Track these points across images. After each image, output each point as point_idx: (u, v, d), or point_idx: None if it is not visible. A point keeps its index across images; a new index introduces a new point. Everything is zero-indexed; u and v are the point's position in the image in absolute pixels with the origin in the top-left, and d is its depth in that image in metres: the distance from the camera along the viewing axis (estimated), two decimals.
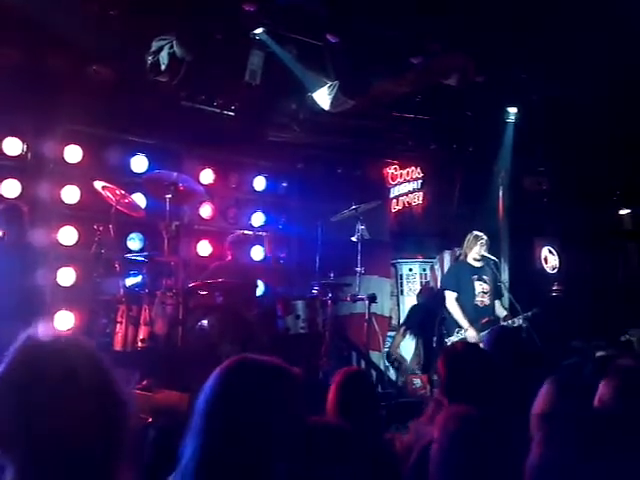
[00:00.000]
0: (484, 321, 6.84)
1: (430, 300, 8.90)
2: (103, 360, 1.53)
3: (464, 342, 6.01)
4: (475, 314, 6.91)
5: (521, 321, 6.72)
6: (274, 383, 1.78)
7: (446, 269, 8.89)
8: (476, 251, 7.08)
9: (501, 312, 7.16)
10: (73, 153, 7.20)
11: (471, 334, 6.71)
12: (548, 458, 1.14)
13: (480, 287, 7.03)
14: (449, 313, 7.03)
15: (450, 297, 7.03)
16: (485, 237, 7.16)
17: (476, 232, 7.20)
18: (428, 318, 8.40)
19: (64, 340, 1.51)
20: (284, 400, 1.76)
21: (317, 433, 2.61)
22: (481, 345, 4.57)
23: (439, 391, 3.50)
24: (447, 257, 9.30)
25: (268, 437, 1.70)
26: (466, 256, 7.20)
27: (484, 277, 7.07)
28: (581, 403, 2.57)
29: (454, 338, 6.81)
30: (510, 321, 6.80)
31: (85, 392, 1.43)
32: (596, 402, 2.61)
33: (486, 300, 7.03)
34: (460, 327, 6.85)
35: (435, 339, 7.65)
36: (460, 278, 7.10)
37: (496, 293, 7.19)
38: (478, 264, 7.11)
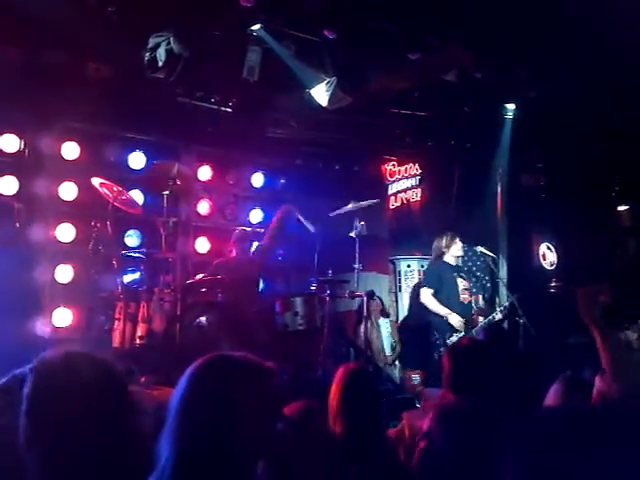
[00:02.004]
0: (474, 316, 6.98)
1: None
2: (117, 376, 1.60)
3: (469, 338, 6.06)
4: (462, 311, 7.04)
5: (500, 314, 6.85)
6: (245, 380, 1.77)
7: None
8: (457, 248, 7.24)
9: (482, 304, 7.35)
10: (70, 150, 7.19)
11: (455, 320, 6.83)
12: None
13: (462, 284, 7.17)
14: (426, 307, 7.11)
15: (426, 293, 7.17)
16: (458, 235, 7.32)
17: (451, 232, 7.33)
18: (424, 315, 8.41)
19: (76, 359, 1.58)
20: (256, 397, 1.75)
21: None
22: None
23: (444, 386, 3.52)
24: None
25: (241, 435, 1.69)
26: (442, 255, 7.28)
27: (462, 274, 7.25)
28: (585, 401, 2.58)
29: (454, 339, 6.82)
30: (494, 314, 6.91)
31: (98, 410, 1.55)
32: (595, 396, 2.63)
33: (467, 296, 7.17)
34: (452, 329, 6.90)
35: (430, 336, 7.66)
36: (442, 277, 7.20)
37: (476, 288, 7.34)
38: (455, 262, 7.30)
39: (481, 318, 7.03)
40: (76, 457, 1.49)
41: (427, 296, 7.13)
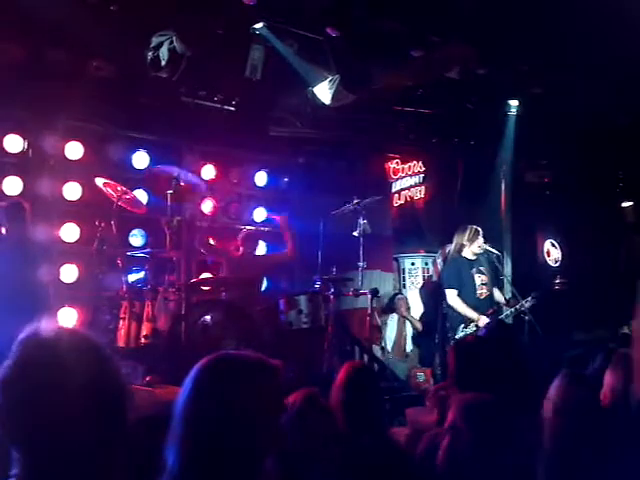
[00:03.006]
0: (490, 312, 6.85)
1: (433, 294, 8.91)
2: (105, 355, 1.54)
3: (474, 335, 6.02)
4: (478, 306, 6.90)
5: (523, 307, 6.75)
6: (251, 379, 1.75)
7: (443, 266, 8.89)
8: (478, 244, 7.05)
9: (501, 299, 7.22)
10: (74, 149, 7.19)
11: (484, 322, 6.68)
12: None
13: (479, 279, 7.02)
14: (453, 310, 7.00)
15: (451, 294, 6.98)
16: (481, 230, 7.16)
17: (474, 226, 7.16)
18: (431, 312, 8.41)
19: (65, 336, 1.52)
20: (262, 395, 1.73)
21: None
22: None
23: (449, 382, 3.52)
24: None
25: (248, 435, 1.67)
26: (462, 250, 7.15)
27: (481, 268, 7.07)
28: (589, 395, 2.59)
29: (462, 334, 6.78)
30: (513, 309, 6.84)
31: (82, 387, 1.44)
32: (607, 391, 2.64)
33: (485, 291, 7.03)
34: (465, 323, 6.83)
35: (438, 333, 7.66)
36: (461, 274, 7.06)
37: (493, 282, 7.20)
38: (473, 257, 7.10)
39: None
40: (59, 455, 1.42)
41: (454, 298, 6.95)
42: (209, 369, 1.77)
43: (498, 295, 7.24)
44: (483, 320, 6.70)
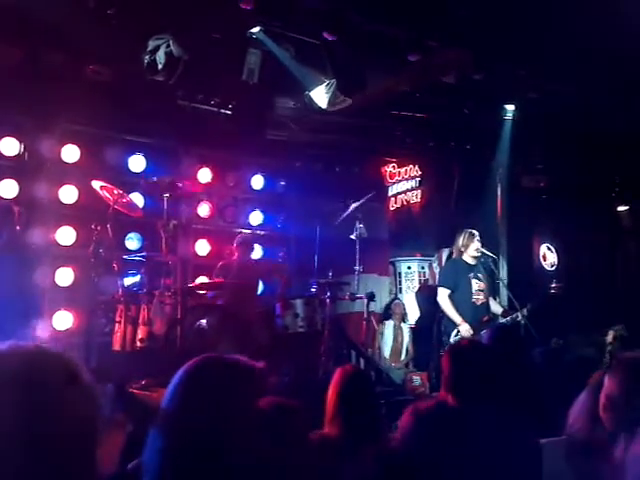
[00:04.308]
0: (485, 319, 6.80)
1: (429, 298, 8.92)
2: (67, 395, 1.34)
3: (469, 339, 5.99)
4: (473, 312, 6.85)
5: (519, 317, 6.70)
6: (234, 382, 1.74)
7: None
8: (474, 248, 7.01)
9: (496, 309, 7.14)
10: (71, 153, 7.19)
11: (464, 329, 6.67)
12: None
13: (476, 285, 6.96)
14: (441, 309, 6.98)
15: (443, 293, 6.93)
16: (477, 233, 7.13)
17: (470, 229, 7.13)
18: (427, 316, 8.42)
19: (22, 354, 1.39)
20: (245, 398, 1.73)
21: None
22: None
23: (443, 388, 3.49)
24: (445, 255, 9.29)
25: (229, 437, 1.67)
26: (461, 254, 7.11)
27: (479, 275, 7.00)
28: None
29: (456, 338, 6.76)
30: (509, 318, 6.78)
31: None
32: (603, 397, 2.62)
33: (482, 298, 6.95)
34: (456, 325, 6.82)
35: (434, 337, 7.65)
36: (457, 276, 7.02)
37: (491, 290, 7.15)
38: (473, 262, 7.05)
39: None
40: None
41: (443, 297, 6.90)
42: (194, 372, 1.77)
43: (494, 305, 7.18)
44: (464, 327, 6.67)
